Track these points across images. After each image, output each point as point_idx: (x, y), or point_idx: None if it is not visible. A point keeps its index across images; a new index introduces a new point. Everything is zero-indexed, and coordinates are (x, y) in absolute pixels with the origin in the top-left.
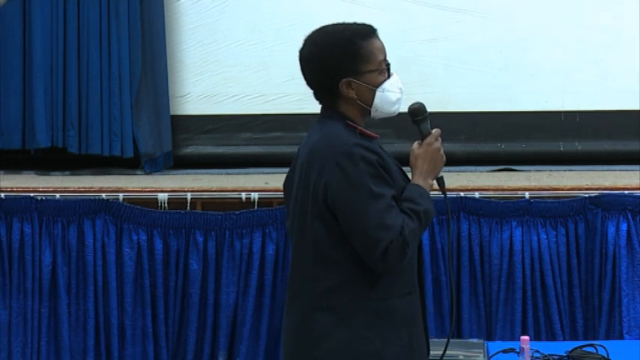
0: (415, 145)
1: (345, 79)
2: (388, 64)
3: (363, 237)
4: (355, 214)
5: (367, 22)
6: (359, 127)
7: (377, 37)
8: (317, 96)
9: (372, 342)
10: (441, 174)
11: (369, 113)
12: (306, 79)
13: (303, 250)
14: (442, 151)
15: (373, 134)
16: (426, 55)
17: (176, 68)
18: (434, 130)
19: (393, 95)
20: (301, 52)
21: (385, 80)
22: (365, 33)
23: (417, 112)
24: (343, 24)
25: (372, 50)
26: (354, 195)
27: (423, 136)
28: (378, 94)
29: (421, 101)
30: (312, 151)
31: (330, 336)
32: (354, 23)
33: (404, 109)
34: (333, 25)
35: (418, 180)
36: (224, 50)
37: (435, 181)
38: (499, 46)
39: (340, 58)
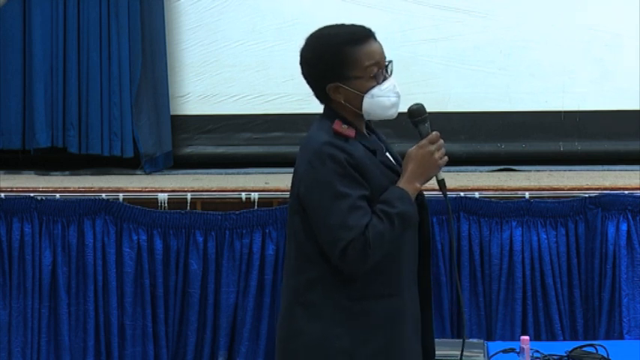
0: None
1: (332, 84)
2: (384, 68)
3: (325, 235)
4: (319, 212)
5: (367, 22)
6: (334, 126)
7: (370, 41)
8: (315, 95)
9: (342, 340)
10: (443, 176)
11: (361, 116)
12: (305, 79)
13: (288, 244)
14: (437, 155)
15: (347, 133)
16: (426, 55)
17: (176, 68)
18: (433, 133)
19: (387, 100)
20: (300, 53)
21: (375, 86)
22: (357, 38)
23: (416, 113)
24: (339, 27)
25: (360, 57)
26: (320, 193)
27: (421, 138)
28: (367, 99)
29: (421, 102)
30: (299, 148)
31: (303, 330)
32: (351, 26)
33: (405, 109)
34: (330, 27)
35: (403, 182)
36: (224, 50)
37: (436, 183)
38: (499, 46)
39: (327, 64)
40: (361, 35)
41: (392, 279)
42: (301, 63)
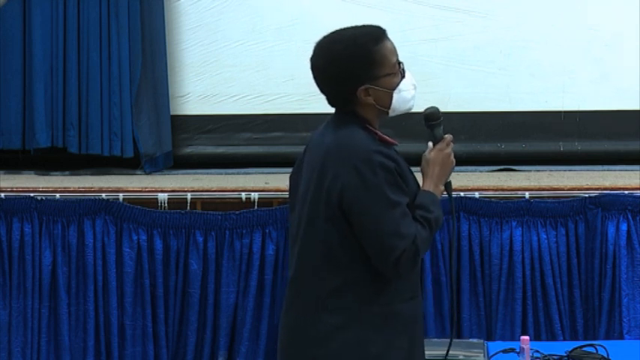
0: (428, 150)
1: (362, 87)
2: (401, 63)
3: (378, 244)
4: (371, 221)
5: (367, 22)
6: (378, 134)
7: (388, 38)
8: (331, 102)
9: (376, 345)
10: (450, 178)
11: (386, 114)
12: (319, 87)
13: (309, 249)
14: (453, 157)
15: (393, 141)
16: (426, 55)
17: (176, 68)
18: (446, 136)
19: (408, 93)
20: (313, 61)
21: (400, 81)
22: (377, 37)
23: (432, 116)
24: (353, 29)
25: (386, 54)
26: (372, 202)
27: (435, 141)
28: (395, 95)
29: (435, 106)
30: (327, 153)
31: (334, 337)
32: (364, 26)
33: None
34: (343, 30)
35: (430, 186)
36: (224, 50)
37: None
38: (499, 46)
39: (356, 67)
40: (381, 33)
41: (413, 281)
42: (321, 71)
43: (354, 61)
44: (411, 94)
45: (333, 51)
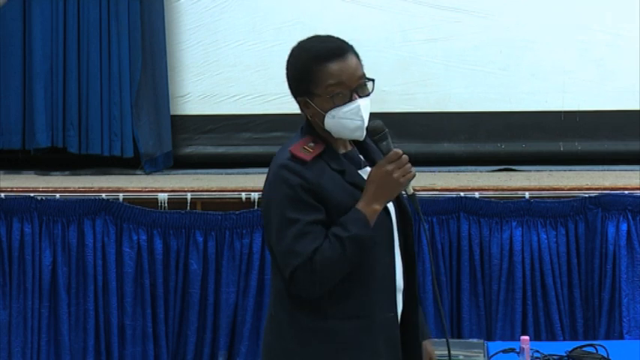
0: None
1: (301, 98)
2: (353, 89)
3: (277, 259)
4: (271, 236)
5: (367, 22)
6: (291, 150)
7: (340, 59)
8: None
9: (305, 358)
10: (412, 190)
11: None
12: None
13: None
14: (396, 174)
15: (304, 157)
16: (426, 55)
17: (176, 68)
18: (392, 151)
19: (350, 122)
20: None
21: (336, 107)
22: (326, 55)
23: (375, 131)
24: (317, 40)
25: (322, 75)
26: (272, 217)
27: (384, 156)
28: (328, 119)
29: (379, 120)
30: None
31: (273, 345)
32: (329, 41)
33: (405, 109)
34: (310, 40)
35: (361, 204)
36: (224, 50)
37: (407, 199)
38: (499, 46)
39: (295, 78)
40: (332, 52)
41: (361, 300)
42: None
43: (294, 73)
44: (355, 125)
45: (290, 56)
